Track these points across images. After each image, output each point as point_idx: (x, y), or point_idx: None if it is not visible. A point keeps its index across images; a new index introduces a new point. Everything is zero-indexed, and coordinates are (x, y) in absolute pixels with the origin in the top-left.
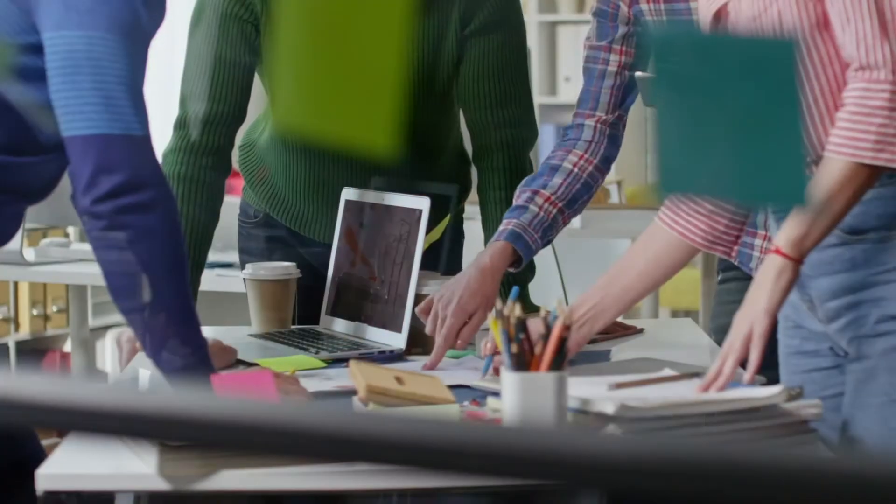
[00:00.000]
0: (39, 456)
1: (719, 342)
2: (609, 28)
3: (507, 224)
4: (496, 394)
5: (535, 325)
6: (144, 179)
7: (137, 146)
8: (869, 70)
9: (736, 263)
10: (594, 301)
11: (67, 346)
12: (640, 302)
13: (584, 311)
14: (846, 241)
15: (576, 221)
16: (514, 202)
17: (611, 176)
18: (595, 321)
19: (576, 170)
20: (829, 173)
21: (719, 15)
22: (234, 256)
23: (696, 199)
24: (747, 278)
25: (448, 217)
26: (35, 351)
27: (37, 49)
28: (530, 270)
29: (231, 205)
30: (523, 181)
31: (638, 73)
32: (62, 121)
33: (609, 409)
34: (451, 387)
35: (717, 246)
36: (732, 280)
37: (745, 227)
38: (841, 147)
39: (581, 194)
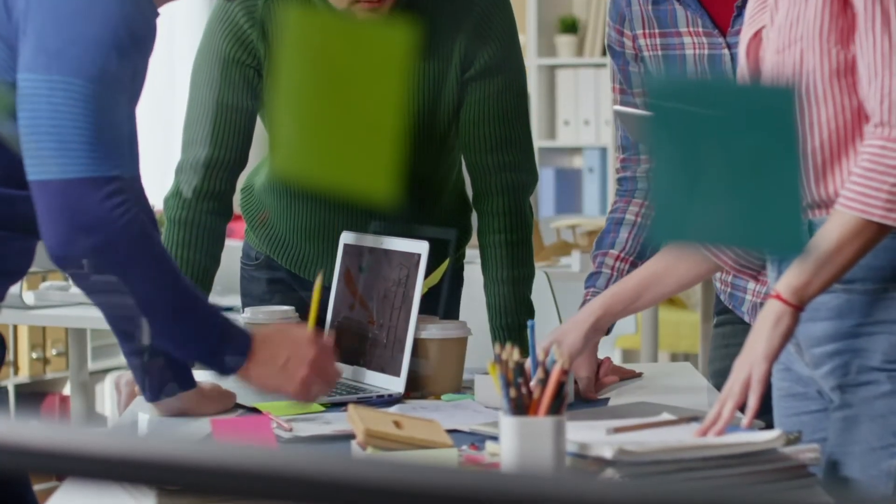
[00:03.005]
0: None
1: (717, 386)
2: (625, 71)
3: (586, 294)
4: (495, 438)
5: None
6: (90, 224)
7: (88, 189)
8: (889, 128)
9: (729, 307)
10: (628, 303)
11: (67, 390)
12: (640, 345)
13: (621, 309)
14: (834, 289)
15: (575, 264)
16: (592, 268)
17: None
18: (617, 319)
19: (639, 220)
20: (838, 226)
21: (756, 38)
22: (234, 300)
23: (692, 246)
24: (741, 322)
25: (447, 261)
26: (34, 394)
27: None
28: (530, 314)
29: (231, 248)
30: (595, 243)
31: (616, 108)
32: (25, 166)
33: (607, 453)
34: (450, 431)
35: (746, 269)
36: (727, 324)
37: None
38: (852, 202)
39: (649, 241)
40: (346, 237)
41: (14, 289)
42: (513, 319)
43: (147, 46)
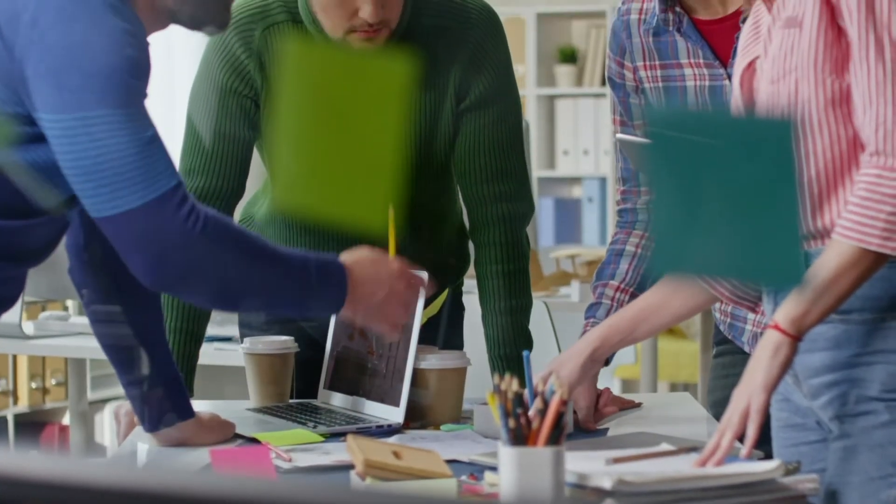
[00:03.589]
0: None
1: (716, 416)
2: (626, 103)
3: (586, 325)
4: (494, 468)
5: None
6: (172, 243)
7: (154, 213)
8: (884, 156)
9: (729, 337)
10: (626, 333)
11: (66, 420)
12: (639, 375)
13: (618, 340)
14: (831, 320)
15: (574, 294)
16: (592, 299)
17: None
18: (615, 350)
19: (639, 251)
20: (836, 256)
21: (749, 68)
22: (232, 330)
23: (689, 278)
24: (741, 352)
25: (446, 291)
26: (34, 424)
27: (24, 119)
28: (528, 344)
29: None
30: (595, 274)
31: (619, 136)
32: (86, 206)
33: (606, 483)
34: (449, 461)
35: (743, 300)
36: (727, 354)
37: None
38: (849, 231)
39: (649, 272)
40: None
41: (14, 318)
42: (511, 350)
43: (149, 62)
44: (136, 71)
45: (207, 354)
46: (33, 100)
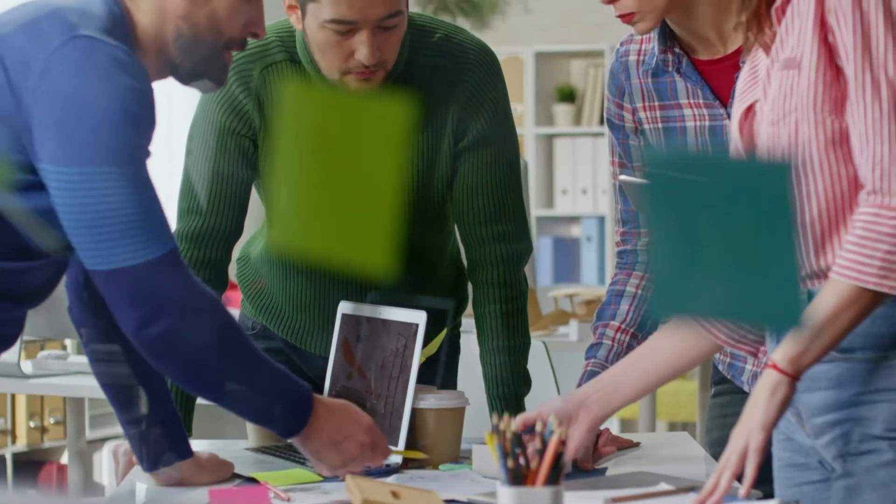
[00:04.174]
0: None
1: (715, 455)
2: (625, 145)
3: (586, 365)
4: None
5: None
6: (161, 307)
7: (153, 272)
8: (881, 195)
9: (728, 376)
10: (608, 381)
11: (64, 459)
12: (638, 415)
13: (598, 391)
14: (833, 358)
15: (573, 334)
16: (593, 339)
17: None
18: (609, 400)
19: (640, 292)
20: (833, 294)
21: (748, 112)
22: None
23: (689, 321)
24: (739, 391)
25: (444, 331)
26: (32, 463)
27: (25, 167)
28: (526, 384)
29: None
30: (595, 315)
31: (622, 178)
32: (82, 258)
33: None
34: (448, 501)
35: (743, 344)
36: (725, 393)
37: None
38: (846, 270)
39: (648, 315)
40: (344, 307)
41: (12, 357)
42: (509, 390)
43: (154, 119)
44: (140, 129)
45: None
46: (37, 149)
